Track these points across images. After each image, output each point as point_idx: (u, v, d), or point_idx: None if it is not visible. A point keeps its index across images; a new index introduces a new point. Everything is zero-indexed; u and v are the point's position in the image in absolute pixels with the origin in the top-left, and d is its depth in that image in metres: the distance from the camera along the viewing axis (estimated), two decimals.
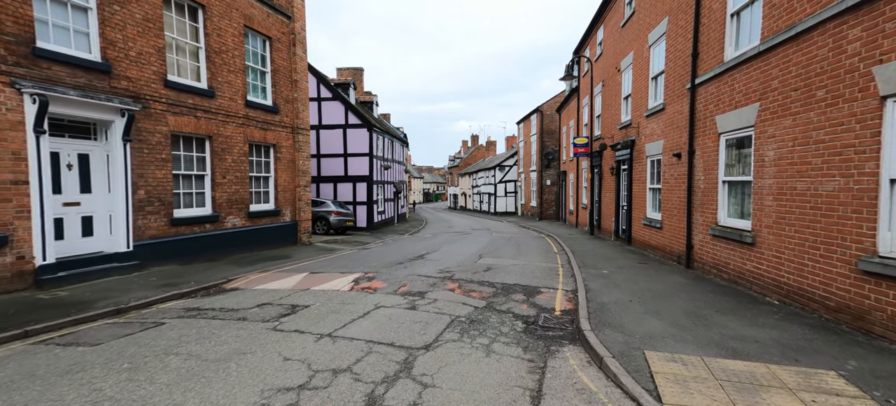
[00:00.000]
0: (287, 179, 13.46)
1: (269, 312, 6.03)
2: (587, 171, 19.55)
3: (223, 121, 10.86)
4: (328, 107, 21.15)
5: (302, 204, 14.01)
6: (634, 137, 12.62)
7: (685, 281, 7.83)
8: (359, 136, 21.17)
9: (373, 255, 11.81)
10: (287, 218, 13.49)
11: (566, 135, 25.76)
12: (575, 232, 19.15)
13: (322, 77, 21.27)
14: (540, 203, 30.79)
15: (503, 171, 41.08)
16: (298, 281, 8.26)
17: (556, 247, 14.14)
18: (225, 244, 10.94)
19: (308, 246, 13.84)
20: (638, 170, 12.38)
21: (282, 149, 13.17)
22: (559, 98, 30.16)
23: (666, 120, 10.28)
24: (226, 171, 10.99)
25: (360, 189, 21.33)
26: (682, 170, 9.33)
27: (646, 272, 8.80)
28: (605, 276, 8.55)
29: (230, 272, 8.97)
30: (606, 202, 16.04)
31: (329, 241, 15.54)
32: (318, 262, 10.62)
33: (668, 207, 10.19)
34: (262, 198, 12.65)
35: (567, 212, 25.19)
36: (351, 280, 8.27)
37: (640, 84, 12.09)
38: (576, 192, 22.08)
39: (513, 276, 8.77)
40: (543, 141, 30.66)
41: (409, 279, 8.31)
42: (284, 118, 13.27)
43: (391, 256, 11.59)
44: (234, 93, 11.20)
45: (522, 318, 5.97)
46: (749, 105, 6.83)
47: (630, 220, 13.04)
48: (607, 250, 12.41)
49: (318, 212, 18.28)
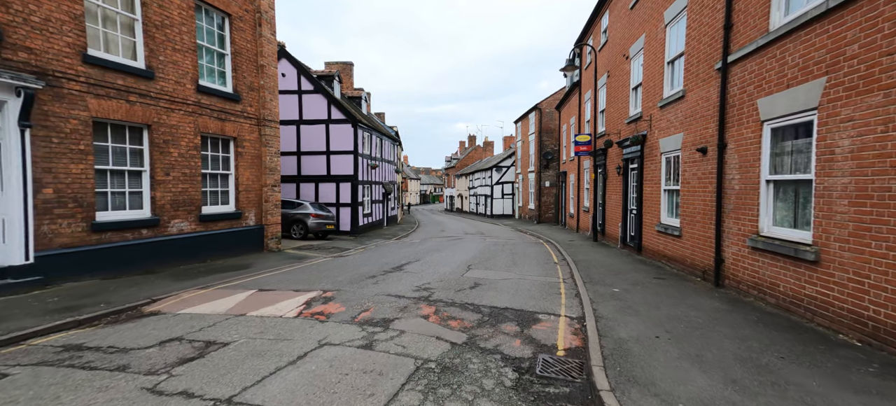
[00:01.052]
0: (251, 178, 11.85)
1: (167, 356, 4.42)
2: (590, 171, 18.00)
3: (166, 107, 9.24)
4: (310, 100, 19.55)
5: (269, 206, 12.39)
6: (645, 132, 11.07)
7: (720, 306, 6.24)
8: (342, 132, 19.58)
9: (346, 266, 10.19)
10: (251, 221, 11.87)
11: (566, 133, 24.24)
12: (576, 237, 17.59)
13: (303, 68, 19.68)
14: (538, 205, 29.24)
15: (500, 172, 39.53)
16: (239, 302, 6.65)
17: (556, 255, 12.56)
18: (169, 253, 9.31)
19: (276, 253, 12.21)
20: (650, 169, 10.83)
21: (244, 143, 11.56)
22: (559, 95, 28.66)
23: (686, 109, 8.72)
24: (170, 166, 9.37)
25: (343, 189, 19.72)
26: (709, 167, 7.77)
27: (666, 291, 7.22)
28: (618, 296, 6.97)
29: (163, 289, 7.35)
30: (612, 205, 14.47)
31: (303, 248, 13.92)
32: (277, 274, 9.00)
33: (688, 212, 8.62)
34: (219, 199, 11.03)
35: (567, 215, 23.64)
36: (303, 301, 6.66)
37: (654, 70, 10.54)
38: (577, 194, 20.53)
39: (504, 295, 7.18)
40: (542, 140, 29.13)
41: (375, 300, 6.70)
42: (248, 108, 11.66)
43: (366, 267, 9.99)
44: (181, 75, 9.59)
45: (514, 362, 4.38)
46: (809, 82, 5.27)
47: (640, 227, 11.47)
48: (615, 260, 10.83)
49: (294, 214, 16.66)
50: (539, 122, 29.12)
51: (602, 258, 11.32)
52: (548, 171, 29.18)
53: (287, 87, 19.45)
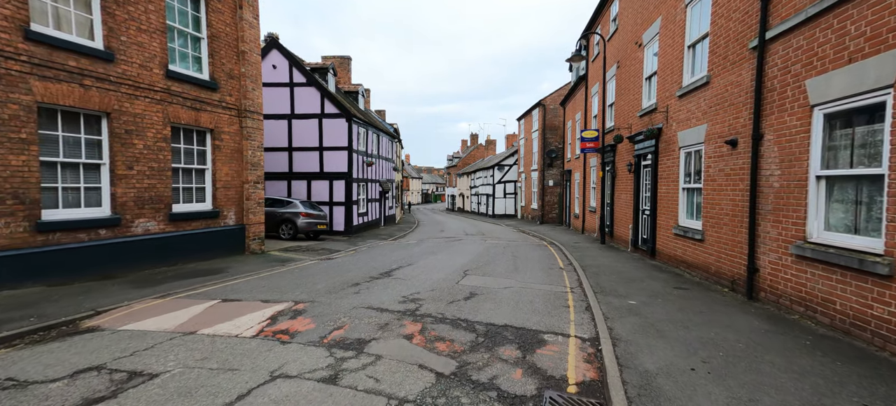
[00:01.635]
0: (230, 174, 10.92)
1: (70, 396, 3.47)
2: (597, 168, 17.00)
3: (130, 94, 8.32)
4: (302, 94, 18.62)
5: (251, 204, 11.46)
6: (661, 125, 10.07)
7: (761, 325, 5.25)
8: (336, 127, 18.64)
9: (330, 271, 9.25)
10: (230, 221, 10.94)
11: (571, 130, 23.23)
12: (582, 239, 16.59)
13: (295, 60, 18.75)
14: (541, 205, 28.24)
15: (502, 171, 38.53)
16: (194, 315, 5.71)
17: (561, 260, 11.58)
18: (132, 256, 8.39)
19: (258, 256, 11.29)
20: (666, 165, 9.83)
21: (223, 135, 10.63)
22: (563, 91, 27.63)
23: (712, 97, 7.72)
24: (134, 160, 8.45)
25: (337, 187, 18.79)
26: (740, 162, 6.77)
27: (692, 305, 6.23)
28: (636, 310, 5.99)
29: (115, 298, 6.43)
30: (621, 205, 13.47)
31: (290, 249, 13.00)
32: (252, 280, 8.07)
33: (713, 214, 7.63)
34: (193, 196, 10.10)
35: (572, 215, 22.63)
36: (269, 316, 5.71)
37: (671, 57, 9.53)
38: (582, 193, 19.52)
39: (504, 308, 6.21)
40: (546, 138, 28.12)
41: (353, 315, 5.75)
42: (227, 97, 10.73)
43: (352, 272, 9.04)
44: (147, 59, 8.66)
45: (513, 402, 3.43)
46: (883, 53, 4.27)
47: (654, 229, 10.47)
48: (627, 266, 9.84)
49: (283, 213, 15.73)
50: (543, 119, 28.11)
51: (612, 263, 10.32)
52: (551, 170, 28.17)
53: (278, 79, 18.54)
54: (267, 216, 15.68)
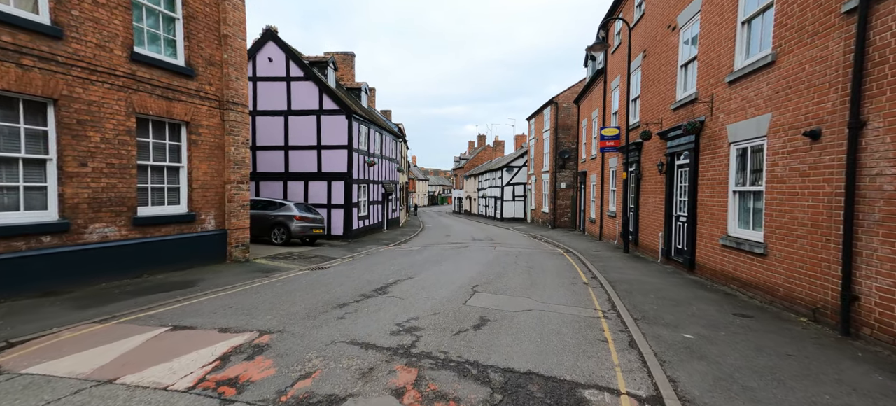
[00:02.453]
0: (210, 173, 9.69)
1: None
2: (617, 169, 15.57)
3: (83, 78, 7.12)
4: (299, 89, 17.43)
5: (234, 207, 10.23)
6: (703, 118, 8.65)
7: (890, 383, 3.83)
8: (336, 124, 17.41)
9: (316, 285, 7.95)
10: (209, 226, 9.71)
11: (586, 129, 21.79)
12: (601, 247, 15.15)
13: (292, 53, 17.58)
14: (553, 209, 26.78)
15: (511, 173, 37.10)
16: (129, 350, 4.45)
17: (583, 272, 10.18)
18: (85, 267, 7.17)
19: (241, 265, 10.04)
20: (710, 164, 8.40)
21: (201, 129, 9.41)
22: (577, 88, 26.19)
23: (779, 80, 6.31)
24: (89, 155, 7.24)
25: (336, 189, 17.54)
26: (824, 159, 5.36)
27: (772, 344, 4.82)
28: (697, 349, 4.61)
29: (45, 322, 5.21)
30: (649, 210, 12.04)
31: (280, 257, 11.75)
32: (222, 297, 6.80)
33: (781, 223, 6.21)
34: (165, 197, 8.88)
35: (587, 220, 21.16)
36: (220, 354, 4.41)
37: (719, 36, 8.13)
38: (600, 196, 18.08)
39: (525, 343, 4.85)
40: (558, 138, 26.68)
41: (329, 353, 4.43)
42: (206, 87, 9.51)
43: (342, 288, 7.73)
44: (106, 38, 7.46)
45: None
46: None
47: (693, 238, 9.04)
48: (663, 282, 8.42)
49: (275, 217, 14.50)
50: (555, 118, 26.68)
51: (643, 277, 8.91)
52: (564, 172, 26.71)
53: (274, 73, 17.38)
54: (257, 219, 14.48)
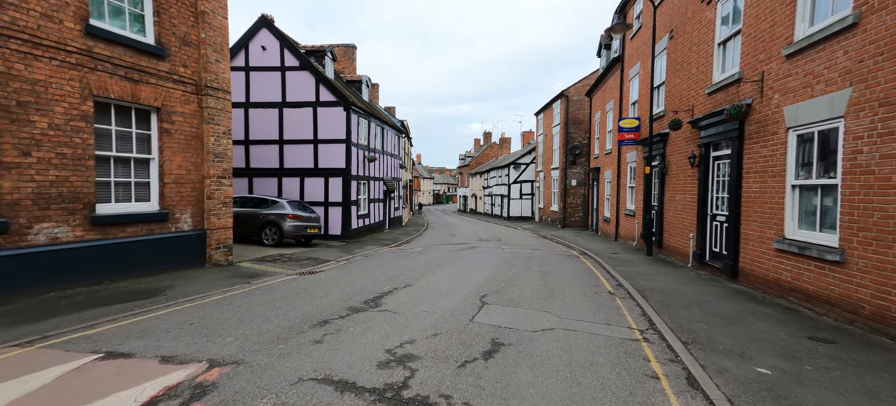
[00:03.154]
0: (187, 166, 8.64)
1: None
2: (637, 164, 14.35)
3: (24, 52, 6.07)
4: (295, 79, 16.37)
5: (215, 204, 9.17)
6: (750, 101, 7.44)
7: None
8: (333, 116, 16.34)
9: (299, 295, 6.86)
10: (185, 225, 8.66)
11: (599, 123, 20.55)
12: (619, 248, 13.95)
13: (287, 41, 16.52)
14: (563, 207, 25.55)
15: (518, 170, 35.87)
16: (30, 392, 3.38)
17: (604, 277, 9.01)
18: (28, 275, 6.13)
19: (222, 268, 9.00)
20: (759, 154, 7.20)
21: (174, 116, 8.36)
22: (588, 81, 24.92)
23: (864, 46, 5.11)
24: (33, 143, 6.20)
25: (333, 186, 16.47)
26: None
27: (884, 381, 3.66)
28: (779, 388, 3.46)
29: None
30: (677, 209, 10.83)
31: (268, 259, 10.69)
32: (184, 310, 5.73)
33: (868, 223, 5.02)
34: (132, 193, 7.84)
35: (600, 219, 19.93)
36: (144, 400, 3.32)
37: (772, 2, 6.91)
38: (616, 194, 16.85)
39: (551, 381, 3.71)
40: (568, 133, 25.42)
41: (292, 399, 3.32)
42: (180, 69, 8.45)
43: (328, 298, 6.64)
44: (55, 7, 6.41)
45: None
46: None
47: (737, 240, 7.84)
48: (701, 291, 7.24)
49: (266, 215, 13.44)
50: (565, 112, 25.42)
51: (678, 285, 7.73)
52: (575, 169, 25.47)
53: (268, 62, 16.33)
54: (247, 218, 13.45)
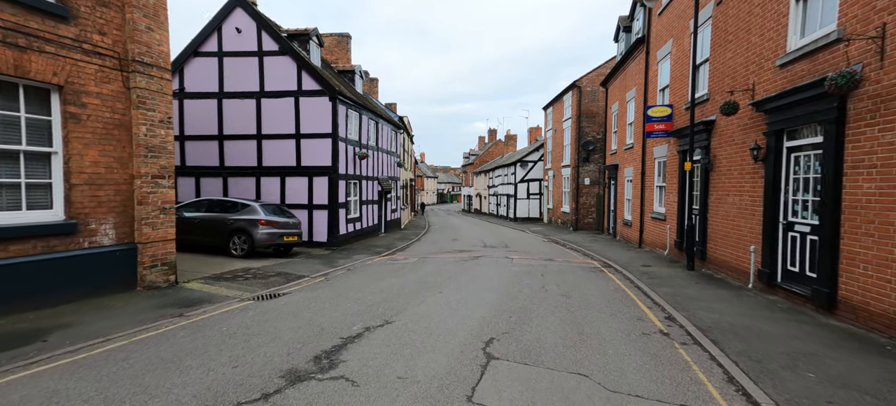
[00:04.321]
0: (105, 162, 6.72)
1: None
2: (668, 159, 12.26)
3: None
4: (274, 65, 14.43)
5: (148, 210, 7.25)
6: (859, 66, 5.37)
7: None
8: (317, 108, 14.38)
9: (242, 336, 4.89)
10: (104, 239, 6.73)
11: (617, 115, 18.45)
12: (648, 258, 11.88)
13: (265, 22, 14.58)
14: (575, 208, 23.45)
15: (525, 168, 33.78)
16: None
17: (644, 303, 6.97)
18: None
19: (157, 293, 7.07)
20: (877, 143, 5.14)
21: (86, 98, 6.43)
22: (604, 70, 22.78)
23: None
24: None
25: (318, 186, 14.52)
26: None
27: None
28: None
29: None
30: (728, 213, 8.76)
31: (228, 277, 8.76)
32: (62, 368, 3.83)
33: None
34: (22, 199, 5.93)
35: (619, 223, 17.82)
36: None
37: None
38: (639, 194, 14.76)
39: None
40: (581, 127, 23.31)
41: None
42: (94, 36, 6.52)
43: (271, 348, 4.67)
44: None
45: None
46: None
47: (834, 260, 5.77)
48: (792, 332, 5.20)
49: (235, 222, 11.49)
50: (578, 104, 23.30)
51: (754, 322, 5.68)
52: (588, 166, 23.36)
53: (243, 47, 14.40)
54: (212, 225, 11.55)
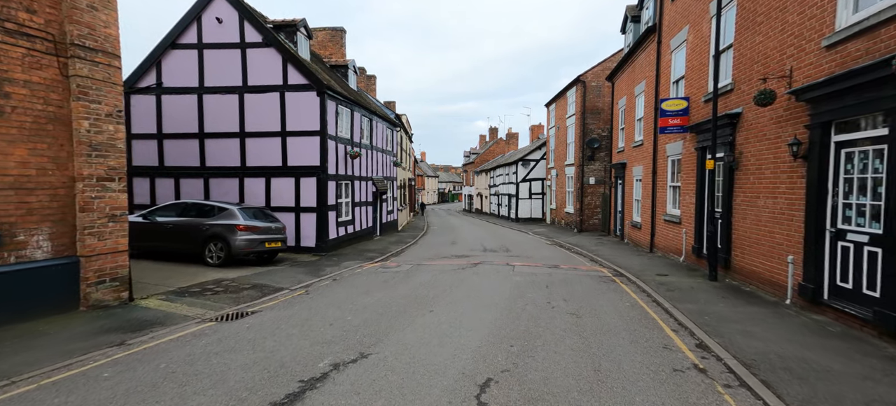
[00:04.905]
0: (36, 162, 5.75)
1: None
2: (683, 156, 11.24)
3: None
4: (258, 58, 13.46)
5: (93, 218, 6.27)
6: None
7: None
8: (304, 103, 13.40)
9: (182, 376, 3.91)
10: (37, 253, 5.76)
11: (625, 110, 17.42)
12: (661, 265, 10.87)
13: (248, 11, 13.59)
14: (579, 209, 22.42)
15: (527, 167, 32.74)
16: None
17: (668, 325, 5.95)
18: None
19: (105, 313, 6.10)
20: None
21: (11, 88, 5.46)
22: (610, 63, 21.73)
23: None
24: None
25: (305, 187, 13.55)
26: None
27: None
28: None
29: None
30: (758, 217, 7.73)
31: (195, 289, 7.79)
32: None
33: None
34: None
35: (627, 225, 16.79)
36: None
37: None
38: (650, 194, 13.74)
39: None
40: (585, 124, 22.27)
41: None
42: (20, 13, 5.54)
43: (210, 395, 3.69)
44: None
45: None
46: None
47: None
48: (863, 370, 4.20)
49: (210, 227, 10.50)
50: (582, 100, 22.26)
51: (808, 352, 4.66)
52: (593, 165, 22.32)
53: (224, 38, 13.44)
54: (186, 231, 10.58)
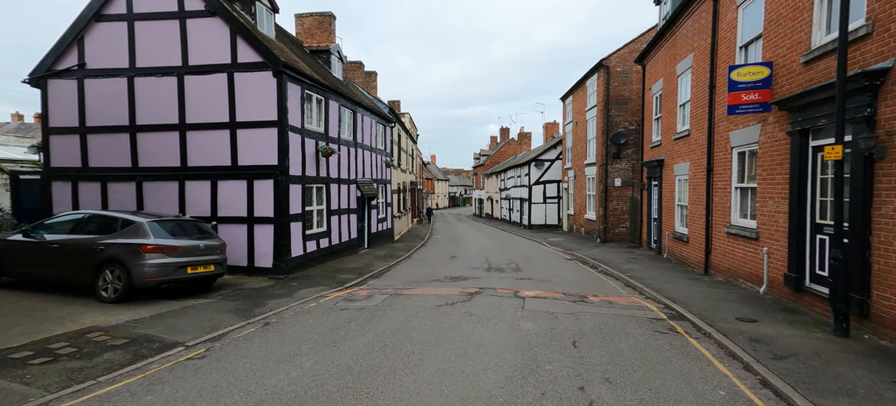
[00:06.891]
0: None
1: None
2: (762, 145, 8.05)
3: None
4: (199, 31, 10.71)
5: None
6: None
7: None
8: (258, 86, 10.59)
9: None
10: None
11: (661, 96, 14.21)
12: (732, 297, 7.69)
13: None
14: (603, 215, 19.17)
15: (541, 169, 29.56)
16: None
17: None
18: None
19: None
20: None
21: None
22: (638, 44, 18.48)
23: None
24: None
25: (261, 193, 10.71)
26: None
27: None
28: None
29: None
30: None
31: (34, 349, 4.93)
32: None
33: None
34: None
35: (668, 236, 13.52)
36: None
37: None
38: (704, 199, 10.53)
39: None
40: (610, 116, 19.06)
41: None
42: None
43: None
44: None
45: None
46: None
47: None
48: None
49: (105, 248, 7.67)
50: (605, 89, 19.06)
51: None
52: (618, 164, 19.08)
53: (159, 7, 10.74)
54: (74, 254, 7.82)
